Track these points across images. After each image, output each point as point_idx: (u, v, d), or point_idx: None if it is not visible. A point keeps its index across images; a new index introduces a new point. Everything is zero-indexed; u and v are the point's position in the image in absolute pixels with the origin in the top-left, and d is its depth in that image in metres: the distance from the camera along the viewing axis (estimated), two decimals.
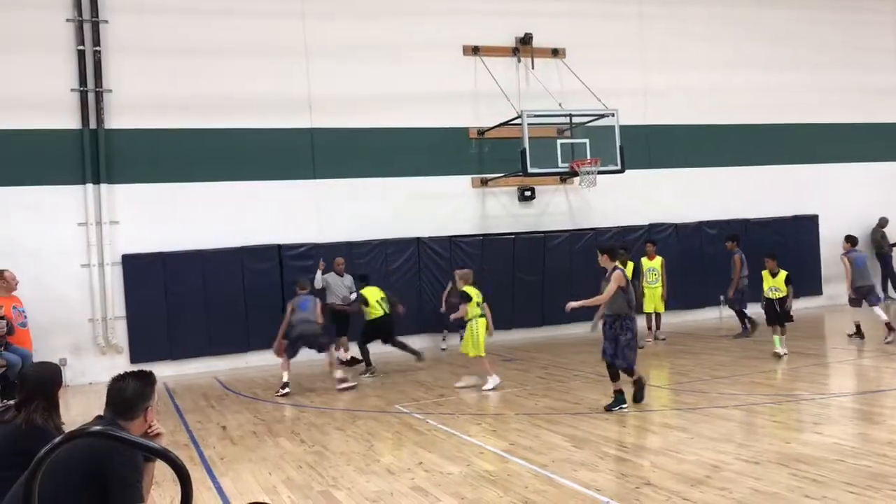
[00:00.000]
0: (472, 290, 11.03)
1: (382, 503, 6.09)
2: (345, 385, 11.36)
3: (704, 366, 11.78)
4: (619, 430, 7.97)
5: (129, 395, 3.71)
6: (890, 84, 20.07)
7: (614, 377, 8.95)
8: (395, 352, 13.03)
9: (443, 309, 14.35)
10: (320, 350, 11.92)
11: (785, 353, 11.88)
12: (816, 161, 19.22)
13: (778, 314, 12.04)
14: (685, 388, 10.22)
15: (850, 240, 13.46)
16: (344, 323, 13.85)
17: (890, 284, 19.42)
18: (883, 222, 19.35)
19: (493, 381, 10.76)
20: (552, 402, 9.74)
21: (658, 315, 14.83)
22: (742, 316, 14.44)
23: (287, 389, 11.28)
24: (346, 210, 15.47)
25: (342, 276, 14.05)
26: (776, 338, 12.01)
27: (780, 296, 12.03)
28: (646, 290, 14.57)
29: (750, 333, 14.21)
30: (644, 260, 14.80)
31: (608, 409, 8.84)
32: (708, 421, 8.18)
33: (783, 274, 12.06)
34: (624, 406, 8.85)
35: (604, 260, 9.13)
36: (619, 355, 8.91)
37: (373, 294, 12.84)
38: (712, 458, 6.72)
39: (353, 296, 13.60)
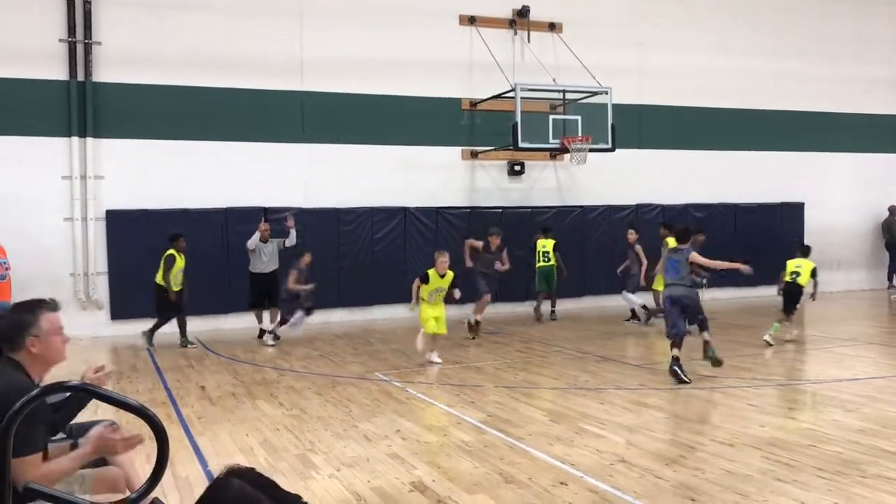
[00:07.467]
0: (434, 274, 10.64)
1: (359, 468, 6.12)
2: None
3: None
4: (596, 406, 8.03)
5: (4, 327, 3.84)
6: (882, 75, 20.09)
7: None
8: (386, 319, 12.84)
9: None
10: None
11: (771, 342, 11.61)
12: (806, 149, 19.26)
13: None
14: (664, 368, 10.29)
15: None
16: (262, 293, 13.38)
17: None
18: (894, 210, 19.12)
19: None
20: (531, 375, 9.80)
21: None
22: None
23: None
24: (333, 176, 15.37)
25: (266, 242, 13.45)
26: (776, 324, 11.93)
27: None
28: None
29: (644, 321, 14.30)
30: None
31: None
32: (685, 402, 8.25)
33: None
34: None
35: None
36: None
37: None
38: (687, 438, 6.79)
39: (272, 264, 13.35)
